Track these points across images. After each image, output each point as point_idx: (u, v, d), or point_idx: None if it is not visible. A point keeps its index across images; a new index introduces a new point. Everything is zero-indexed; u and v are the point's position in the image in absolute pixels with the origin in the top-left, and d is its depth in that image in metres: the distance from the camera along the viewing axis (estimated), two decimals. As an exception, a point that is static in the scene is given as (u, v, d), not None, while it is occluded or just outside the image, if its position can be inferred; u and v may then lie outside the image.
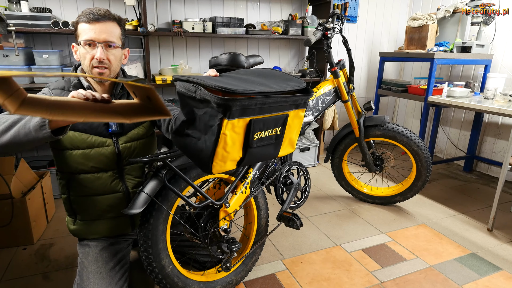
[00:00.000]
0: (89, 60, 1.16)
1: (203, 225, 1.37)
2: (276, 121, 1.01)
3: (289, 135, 1.10)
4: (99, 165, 1.24)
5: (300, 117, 1.09)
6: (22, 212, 1.81)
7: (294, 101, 1.03)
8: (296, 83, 1.08)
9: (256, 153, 1.03)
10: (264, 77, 1.11)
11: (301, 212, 2.32)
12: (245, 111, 0.92)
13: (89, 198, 1.26)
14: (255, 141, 0.99)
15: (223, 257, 1.39)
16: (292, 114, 1.05)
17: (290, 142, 1.12)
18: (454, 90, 2.57)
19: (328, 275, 1.67)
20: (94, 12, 1.14)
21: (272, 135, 1.03)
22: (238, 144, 0.97)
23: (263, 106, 0.95)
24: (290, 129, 1.09)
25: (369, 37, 3.70)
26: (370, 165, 2.34)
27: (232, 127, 0.92)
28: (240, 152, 0.99)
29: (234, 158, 0.99)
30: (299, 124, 1.11)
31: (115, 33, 1.19)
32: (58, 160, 1.25)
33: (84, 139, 1.20)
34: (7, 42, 2.28)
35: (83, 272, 1.21)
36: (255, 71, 1.18)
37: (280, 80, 1.10)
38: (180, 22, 2.66)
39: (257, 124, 0.97)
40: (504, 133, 2.94)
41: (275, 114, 1.00)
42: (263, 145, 1.03)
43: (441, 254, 1.86)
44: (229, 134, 0.92)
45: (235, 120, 0.91)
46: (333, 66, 2.08)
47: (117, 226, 1.32)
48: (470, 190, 2.74)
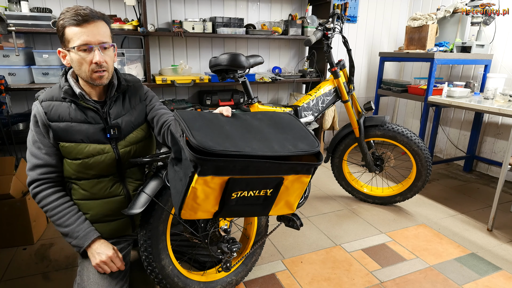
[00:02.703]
0: (88, 65, 1.10)
1: (203, 225, 1.37)
2: (265, 183, 0.92)
3: (286, 198, 0.98)
4: (100, 172, 1.22)
5: (303, 182, 0.96)
6: (22, 212, 1.81)
7: (292, 168, 0.91)
8: (307, 146, 0.93)
9: (236, 210, 0.96)
10: (276, 128, 1.00)
11: (301, 212, 2.32)
12: (221, 171, 0.85)
13: (89, 202, 1.24)
14: (233, 200, 0.92)
15: (223, 257, 1.39)
16: (291, 179, 0.93)
17: (287, 204, 1.01)
18: (454, 90, 2.57)
19: (328, 275, 1.67)
20: (80, 13, 1.06)
21: (260, 196, 0.94)
22: (212, 198, 0.91)
23: (246, 168, 0.87)
24: (288, 192, 0.97)
25: (369, 37, 3.70)
26: (370, 165, 2.34)
27: (204, 182, 0.86)
28: (216, 206, 0.93)
29: (208, 210, 0.94)
30: (300, 188, 0.97)
31: (106, 33, 1.13)
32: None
33: (82, 149, 1.17)
34: (7, 42, 2.28)
35: (83, 272, 1.21)
36: (272, 118, 1.07)
37: (291, 137, 0.97)
38: (180, 22, 2.66)
39: (237, 184, 0.89)
40: (504, 133, 2.94)
41: (264, 177, 0.90)
42: (247, 204, 0.94)
43: (441, 254, 1.86)
44: (200, 188, 0.87)
45: (208, 177, 0.85)
46: (333, 66, 2.08)
47: (118, 228, 1.31)
48: (470, 190, 2.74)
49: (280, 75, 3.06)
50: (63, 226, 1.18)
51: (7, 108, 2.14)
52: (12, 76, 2.27)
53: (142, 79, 2.61)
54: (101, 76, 1.13)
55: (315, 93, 2.06)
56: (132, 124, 1.27)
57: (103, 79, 1.14)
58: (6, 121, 2.25)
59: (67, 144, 1.16)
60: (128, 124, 1.25)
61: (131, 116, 1.27)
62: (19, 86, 2.24)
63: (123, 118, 1.24)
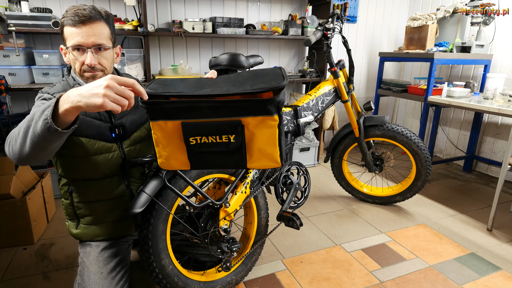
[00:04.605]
0: (79, 65, 1.11)
1: (203, 225, 1.37)
2: (219, 127, 0.90)
3: (258, 146, 0.93)
4: (107, 171, 1.22)
5: (270, 125, 0.89)
6: (22, 212, 1.81)
7: (244, 108, 0.87)
8: (267, 85, 0.87)
9: (207, 159, 0.97)
10: (248, 76, 0.97)
11: (301, 212, 2.32)
12: (168, 114, 0.89)
13: (94, 203, 1.24)
14: (195, 146, 0.93)
15: (223, 257, 1.39)
16: (252, 122, 0.89)
17: (264, 155, 0.94)
18: (454, 90, 2.57)
19: (328, 275, 1.68)
20: (78, 13, 1.06)
21: (221, 142, 0.92)
22: (174, 144, 0.94)
23: (193, 110, 0.88)
24: (256, 138, 0.92)
25: (369, 37, 3.70)
26: (370, 165, 2.35)
27: (159, 128, 0.91)
28: (185, 154, 0.96)
29: (178, 159, 0.97)
30: (269, 134, 0.90)
31: (104, 34, 1.12)
32: (64, 167, 1.21)
33: (93, 145, 1.17)
34: (8, 42, 2.28)
35: (84, 272, 1.21)
36: (256, 71, 1.05)
37: (260, 81, 0.92)
38: (180, 22, 2.66)
39: (191, 128, 0.90)
40: (503, 133, 2.94)
41: (217, 120, 0.89)
42: (213, 151, 0.94)
43: (440, 254, 1.86)
44: (159, 134, 0.92)
45: (161, 121, 0.90)
46: (333, 66, 2.08)
47: (121, 228, 1.31)
48: (470, 190, 2.74)
49: (280, 75, 3.05)
50: (27, 127, 0.88)
51: (7, 108, 2.14)
52: (12, 76, 2.28)
53: (142, 79, 2.61)
54: (94, 75, 1.13)
55: (315, 93, 2.06)
56: (136, 122, 1.28)
57: (96, 78, 1.13)
58: (7, 121, 2.25)
59: (79, 139, 1.15)
60: (132, 123, 1.26)
61: (135, 115, 1.27)
62: (19, 86, 2.24)
63: (127, 117, 1.25)
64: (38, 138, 0.84)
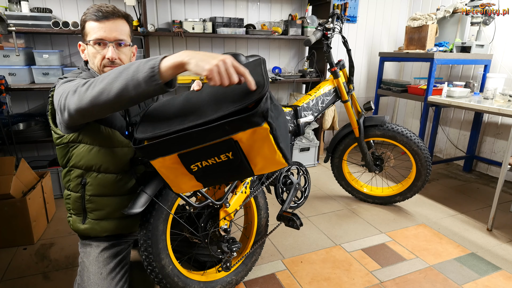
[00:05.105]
0: (100, 60, 1.14)
1: (203, 225, 1.37)
2: (215, 149, 0.90)
3: (259, 154, 0.92)
4: (122, 165, 1.22)
5: (262, 134, 0.87)
6: (22, 212, 1.81)
7: (231, 127, 0.85)
8: (233, 104, 0.85)
9: (215, 177, 0.98)
10: (232, 89, 0.92)
11: (301, 212, 2.32)
12: (163, 151, 0.91)
13: (106, 198, 1.23)
14: (198, 171, 0.95)
15: (223, 257, 1.39)
16: (244, 136, 0.88)
17: (267, 160, 0.94)
18: (454, 90, 2.57)
19: (328, 275, 1.68)
20: (102, 9, 1.11)
21: (222, 161, 0.93)
22: (180, 174, 0.98)
23: (183, 142, 0.89)
24: (255, 149, 0.91)
25: (369, 37, 3.70)
26: (370, 165, 2.35)
27: (161, 165, 0.95)
28: (192, 179, 0.99)
29: (189, 183, 1.01)
30: (262, 140, 0.89)
31: (124, 31, 1.17)
32: (83, 157, 1.17)
33: (117, 137, 1.18)
34: (8, 42, 2.29)
35: (83, 272, 1.21)
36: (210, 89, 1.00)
37: (237, 92, 0.90)
38: (180, 22, 2.66)
39: (188, 157, 0.92)
40: (503, 133, 2.94)
41: (210, 143, 0.89)
42: (218, 170, 0.95)
43: (440, 254, 1.86)
44: (163, 170, 0.96)
45: (159, 159, 0.93)
46: (333, 66, 2.08)
47: (128, 225, 1.31)
48: (470, 190, 2.74)
49: (280, 75, 3.06)
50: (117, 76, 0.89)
51: (7, 108, 2.14)
52: (12, 76, 2.28)
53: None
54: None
55: (315, 93, 2.06)
56: None
57: None
58: (7, 121, 2.25)
59: (107, 129, 1.16)
60: None
61: None
62: (19, 86, 2.24)
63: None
64: (133, 86, 0.85)
